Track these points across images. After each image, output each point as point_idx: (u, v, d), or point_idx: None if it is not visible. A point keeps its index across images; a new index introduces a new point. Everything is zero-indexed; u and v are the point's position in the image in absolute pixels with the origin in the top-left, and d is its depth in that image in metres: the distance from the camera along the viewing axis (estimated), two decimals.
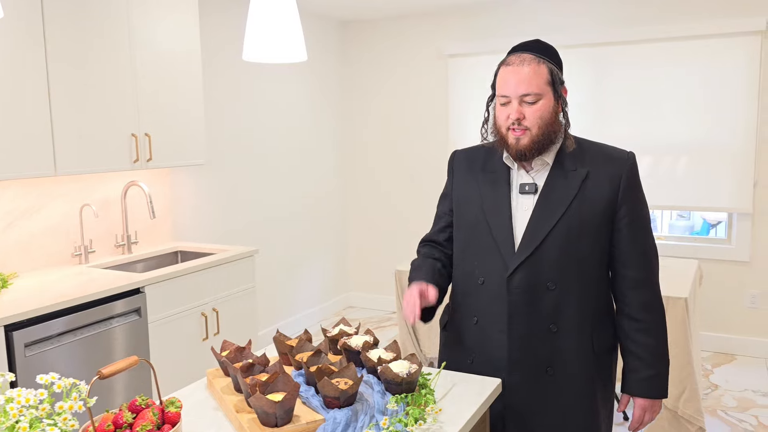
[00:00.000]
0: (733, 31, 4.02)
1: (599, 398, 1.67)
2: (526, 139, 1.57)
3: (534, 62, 1.56)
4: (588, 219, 1.58)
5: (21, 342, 2.33)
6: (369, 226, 5.49)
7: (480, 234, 1.66)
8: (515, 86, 1.55)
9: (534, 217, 1.59)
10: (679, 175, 4.28)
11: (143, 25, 3.12)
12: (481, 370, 1.67)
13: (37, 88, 2.66)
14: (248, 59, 1.63)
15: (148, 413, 1.21)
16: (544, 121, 1.56)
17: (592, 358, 1.63)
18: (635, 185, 1.61)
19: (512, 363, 1.61)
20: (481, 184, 1.69)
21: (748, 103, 4.04)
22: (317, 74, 5.07)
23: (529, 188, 1.62)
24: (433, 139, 5.10)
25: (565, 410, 1.63)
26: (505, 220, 1.62)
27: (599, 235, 1.59)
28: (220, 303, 3.25)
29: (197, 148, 3.47)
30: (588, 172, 1.59)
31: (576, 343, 1.61)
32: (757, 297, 4.21)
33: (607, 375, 1.69)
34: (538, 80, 1.55)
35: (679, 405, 2.79)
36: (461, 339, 1.72)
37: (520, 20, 4.67)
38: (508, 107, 1.58)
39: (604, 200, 1.58)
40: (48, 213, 3.06)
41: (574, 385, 1.62)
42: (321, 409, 1.39)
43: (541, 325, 1.59)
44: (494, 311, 1.63)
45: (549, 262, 1.57)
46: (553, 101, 1.58)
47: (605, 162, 1.61)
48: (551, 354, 1.61)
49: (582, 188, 1.58)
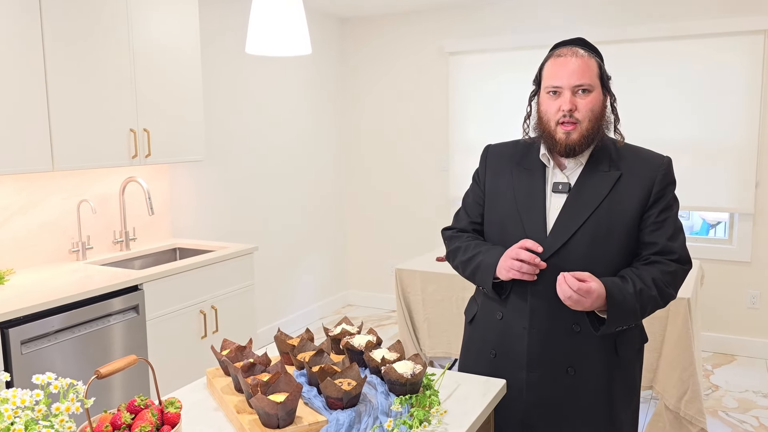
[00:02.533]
0: (735, 30, 4.00)
1: (620, 404, 1.64)
2: (576, 134, 1.55)
3: (585, 55, 1.56)
4: (617, 220, 1.56)
5: (17, 339, 2.30)
6: (368, 223, 5.46)
7: (512, 228, 1.64)
8: (568, 76, 1.53)
9: (563, 215, 1.58)
10: (681, 174, 4.26)
11: (142, 19, 3.08)
12: (503, 365, 1.66)
13: (35, 82, 2.63)
14: (252, 52, 1.60)
15: (147, 414, 1.19)
16: (595, 115, 1.55)
17: (614, 361, 1.61)
18: (670, 189, 1.59)
19: (532, 360, 1.61)
20: (516, 178, 1.68)
21: (751, 102, 4.02)
22: (317, 71, 5.03)
23: (563, 187, 1.61)
24: (433, 137, 5.07)
25: (583, 412, 1.61)
26: (539, 216, 1.60)
27: (628, 238, 1.57)
28: (219, 301, 3.22)
29: (196, 144, 3.44)
30: (621, 175, 1.58)
31: (599, 345, 1.59)
32: (758, 297, 4.19)
33: (630, 380, 1.65)
34: (590, 72, 1.54)
35: (681, 406, 2.77)
36: (486, 333, 1.71)
37: (521, 18, 4.64)
38: (559, 99, 1.55)
39: (635, 203, 1.57)
40: (45, 209, 3.02)
41: (595, 384, 1.60)
42: (324, 410, 1.36)
43: (564, 324, 1.58)
44: (519, 307, 1.62)
45: (575, 260, 1.55)
46: (602, 96, 1.57)
47: (640, 165, 1.59)
48: (573, 354, 1.59)
49: (614, 190, 1.57)
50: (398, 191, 5.28)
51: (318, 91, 5.06)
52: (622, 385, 1.63)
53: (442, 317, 3.36)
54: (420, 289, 3.38)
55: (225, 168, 4.16)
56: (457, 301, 3.29)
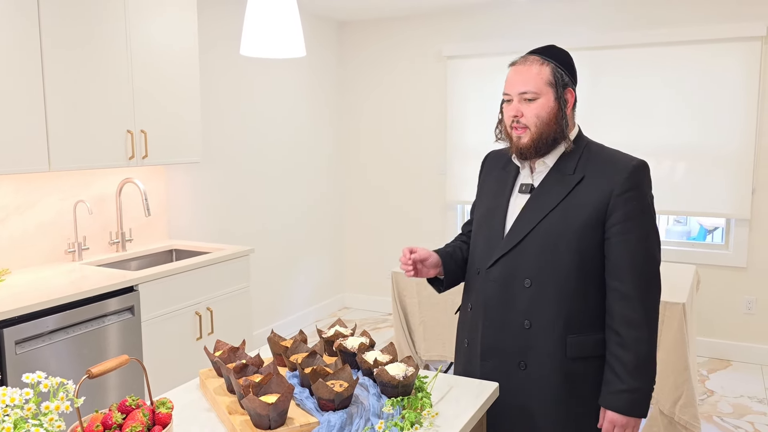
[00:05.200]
0: (732, 36, 4.01)
1: (576, 400, 1.62)
2: (525, 138, 1.62)
3: (537, 63, 1.61)
4: (573, 223, 1.56)
5: (12, 339, 2.30)
6: (365, 226, 5.46)
7: (482, 228, 1.75)
8: (514, 84, 1.62)
9: (520, 216, 1.65)
10: (678, 180, 4.27)
11: (140, 20, 3.09)
12: (472, 352, 1.75)
13: (32, 82, 2.63)
14: (246, 54, 1.61)
15: (138, 414, 1.19)
16: (541, 121, 1.59)
17: (564, 363, 1.60)
18: (634, 195, 1.54)
19: (485, 350, 1.69)
20: (495, 181, 1.78)
21: (748, 109, 4.04)
22: (315, 75, 5.04)
23: (526, 188, 1.67)
24: (431, 141, 5.08)
25: (537, 409, 1.63)
26: (500, 216, 1.70)
27: (579, 243, 1.56)
28: (215, 302, 3.22)
29: (193, 145, 3.44)
30: (583, 178, 1.59)
31: (549, 344, 1.60)
32: (754, 303, 4.20)
33: (583, 385, 1.62)
34: (537, 80, 1.59)
35: (676, 411, 2.77)
36: (462, 324, 1.83)
37: (519, 23, 4.65)
38: (511, 105, 1.63)
39: (592, 206, 1.55)
40: (41, 209, 3.02)
41: (546, 385, 1.61)
42: (315, 411, 1.36)
43: (515, 320, 1.63)
44: (478, 300, 1.72)
45: (527, 259, 1.61)
46: (553, 102, 1.59)
47: (605, 168, 1.58)
48: (525, 349, 1.63)
49: (572, 193, 1.58)
50: (396, 194, 5.28)
51: (316, 94, 5.07)
52: (575, 383, 1.61)
53: (438, 320, 3.36)
54: (416, 292, 3.38)
55: (222, 170, 4.16)
56: (452, 305, 3.29)
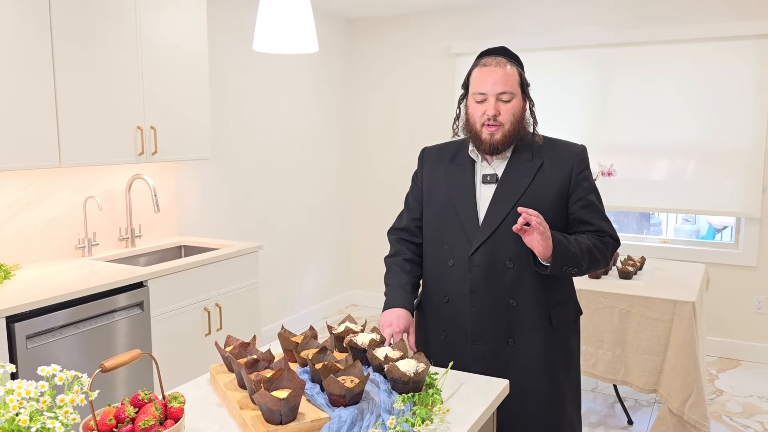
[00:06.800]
0: (743, 34, 3.98)
1: (560, 370, 1.81)
2: (499, 135, 1.74)
3: (508, 64, 1.75)
4: (542, 203, 1.74)
5: (23, 334, 2.31)
6: (373, 223, 5.46)
7: (448, 220, 1.82)
8: (492, 85, 1.72)
9: (493, 203, 1.77)
10: (688, 178, 4.25)
11: (150, 17, 3.09)
12: (453, 341, 1.82)
13: (43, 79, 2.64)
14: (259, 50, 1.61)
15: (150, 408, 1.19)
16: (516, 118, 1.75)
17: (549, 331, 1.78)
18: (587, 173, 1.81)
19: (476, 334, 1.78)
20: (449, 174, 1.86)
21: (758, 106, 4.01)
22: (324, 71, 5.04)
23: (491, 178, 1.79)
24: (439, 137, 5.07)
25: (524, 377, 1.76)
26: (471, 206, 1.79)
27: (553, 219, 1.75)
28: (224, 298, 3.23)
29: (202, 142, 3.45)
30: (543, 163, 1.77)
31: (534, 317, 1.76)
32: (764, 302, 4.17)
33: (566, 350, 1.84)
34: (512, 81, 1.73)
35: (685, 410, 2.75)
36: (435, 316, 1.88)
37: (527, 20, 4.64)
38: (484, 104, 1.74)
39: (556, 186, 1.76)
40: (52, 205, 3.04)
41: (532, 354, 1.77)
42: (326, 407, 1.36)
43: (502, 300, 1.76)
44: (462, 289, 1.79)
45: (507, 242, 1.74)
46: (522, 101, 1.77)
47: (559, 154, 1.80)
48: (512, 326, 1.76)
49: (537, 177, 1.76)
50: (403, 191, 5.27)
51: (325, 91, 5.07)
52: (558, 353, 1.81)
53: None
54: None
55: (231, 166, 4.17)
56: None
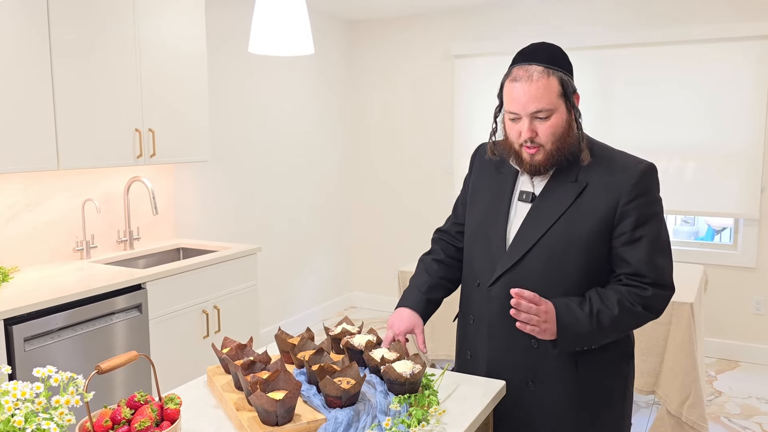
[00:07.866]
0: (743, 35, 3.98)
1: (592, 414, 1.56)
2: (540, 156, 1.49)
3: (543, 76, 1.44)
4: (578, 234, 1.47)
5: (20, 336, 2.31)
6: (372, 225, 5.46)
7: (480, 236, 1.63)
8: (525, 105, 1.45)
9: (523, 227, 1.53)
10: (686, 179, 4.25)
11: (149, 19, 3.10)
12: (475, 364, 1.66)
13: (41, 81, 2.65)
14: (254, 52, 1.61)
15: (146, 409, 1.19)
16: (558, 137, 1.47)
17: (574, 377, 1.53)
18: (643, 201, 1.46)
19: (491, 368, 1.61)
20: (491, 185, 1.65)
21: (757, 108, 4.01)
22: (324, 73, 5.05)
23: (527, 197, 1.56)
24: (439, 139, 5.08)
25: (551, 423, 1.56)
26: (501, 226, 1.58)
27: (588, 254, 1.48)
28: (222, 300, 3.23)
29: (201, 144, 3.45)
30: (587, 185, 1.49)
31: (559, 362, 1.53)
32: (762, 303, 4.17)
33: (596, 400, 1.56)
34: (549, 95, 1.44)
35: (683, 411, 2.75)
36: (464, 331, 1.72)
37: (528, 21, 4.64)
38: (519, 124, 1.48)
39: (600, 214, 1.47)
40: (50, 207, 3.04)
41: (558, 400, 1.55)
42: (322, 408, 1.37)
43: (522, 340, 1.54)
44: (483, 315, 1.62)
45: (532, 274, 1.51)
46: (566, 113, 1.47)
47: (610, 172, 1.49)
48: (533, 368, 1.55)
49: (577, 201, 1.49)
50: (404, 193, 5.28)
51: (325, 93, 5.08)
52: (589, 398, 1.55)
53: (445, 320, 3.35)
54: None
55: (229, 169, 4.17)
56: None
